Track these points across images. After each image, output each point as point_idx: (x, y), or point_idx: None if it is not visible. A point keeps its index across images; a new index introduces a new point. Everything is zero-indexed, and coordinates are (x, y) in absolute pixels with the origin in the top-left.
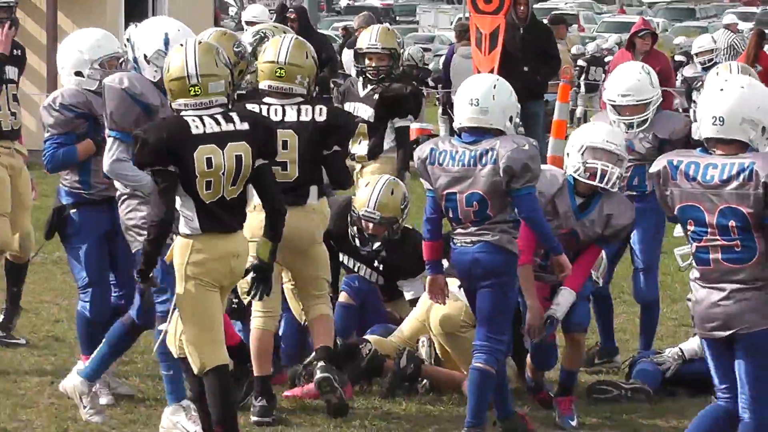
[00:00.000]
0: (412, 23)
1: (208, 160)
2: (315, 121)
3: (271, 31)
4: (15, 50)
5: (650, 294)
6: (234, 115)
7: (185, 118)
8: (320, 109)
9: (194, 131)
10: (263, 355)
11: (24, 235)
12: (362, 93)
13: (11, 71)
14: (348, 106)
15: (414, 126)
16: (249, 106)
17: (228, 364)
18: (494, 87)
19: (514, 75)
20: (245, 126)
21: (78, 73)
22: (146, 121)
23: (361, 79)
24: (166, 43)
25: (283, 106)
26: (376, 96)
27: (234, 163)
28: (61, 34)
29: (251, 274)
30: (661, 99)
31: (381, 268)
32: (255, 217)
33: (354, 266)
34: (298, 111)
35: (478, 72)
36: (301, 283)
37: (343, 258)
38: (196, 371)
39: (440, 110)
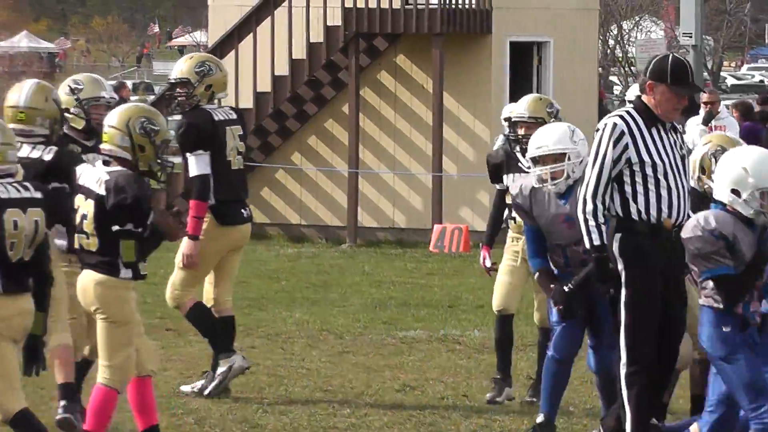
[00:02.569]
0: None
1: (15, 223)
2: (41, 160)
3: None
4: None
5: None
6: (28, 184)
7: None
8: (50, 149)
9: (2, 195)
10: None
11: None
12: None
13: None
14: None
15: None
16: None
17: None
18: None
19: None
20: (39, 194)
21: (734, 192)
22: None
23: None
24: None
25: (23, 144)
26: None
27: (33, 227)
28: (447, 115)
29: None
30: None
31: None
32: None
33: None
34: (33, 148)
35: None
36: None
37: None
38: (2, 418)
39: None
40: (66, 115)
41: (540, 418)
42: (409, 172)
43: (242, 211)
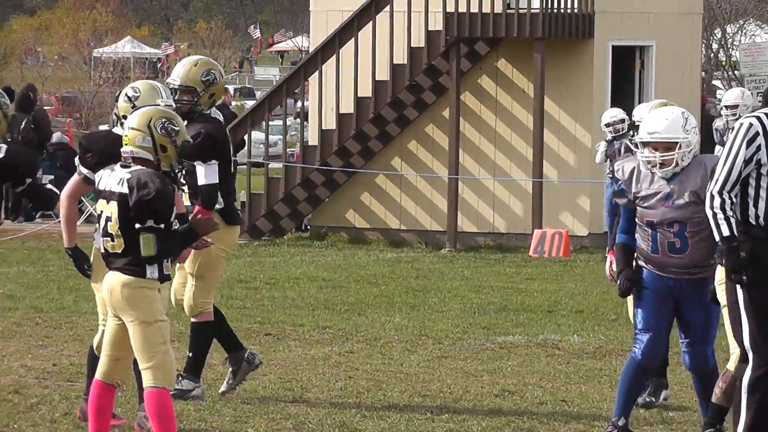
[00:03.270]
0: None
1: None
2: None
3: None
4: None
5: None
6: None
7: None
8: (1, 147)
9: None
10: None
11: None
12: None
13: None
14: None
15: None
16: None
17: None
18: None
19: None
20: None
21: None
22: None
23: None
24: None
25: None
26: None
27: None
28: (548, 120)
29: None
30: None
31: None
32: None
33: None
34: None
35: None
36: None
37: None
38: None
39: None
40: (124, 121)
41: (622, 421)
42: (510, 178)
43: (238, 212)
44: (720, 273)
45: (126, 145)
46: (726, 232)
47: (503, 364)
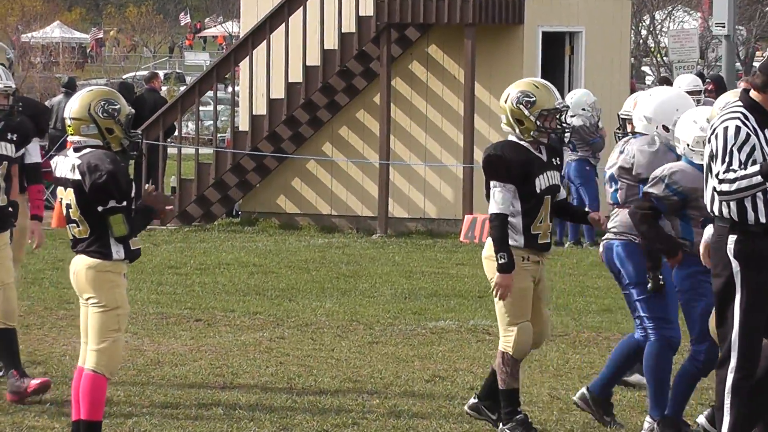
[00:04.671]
0: None
1: None
2: None
3: None
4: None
5: None
6: None
7: None
8: None
9: None
10: None
11: None
12: None
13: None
14: None
15: None
16: None
17: None
18: None
19: None
20: None
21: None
22: None
23: None
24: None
25: None
26: None
27: None
28: (479, 106)
29: None
30: None
31: None
32: None
33: None
34: None
35: None
36: None
37: None
38: None
39: None
40: None
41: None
42: (440, 163)
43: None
44: (486, 249)
45: (71, 134)
46: (755, 169)
47: (434, 350)
